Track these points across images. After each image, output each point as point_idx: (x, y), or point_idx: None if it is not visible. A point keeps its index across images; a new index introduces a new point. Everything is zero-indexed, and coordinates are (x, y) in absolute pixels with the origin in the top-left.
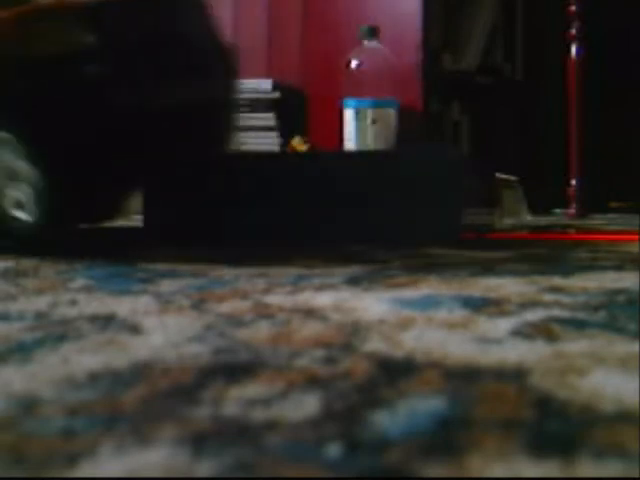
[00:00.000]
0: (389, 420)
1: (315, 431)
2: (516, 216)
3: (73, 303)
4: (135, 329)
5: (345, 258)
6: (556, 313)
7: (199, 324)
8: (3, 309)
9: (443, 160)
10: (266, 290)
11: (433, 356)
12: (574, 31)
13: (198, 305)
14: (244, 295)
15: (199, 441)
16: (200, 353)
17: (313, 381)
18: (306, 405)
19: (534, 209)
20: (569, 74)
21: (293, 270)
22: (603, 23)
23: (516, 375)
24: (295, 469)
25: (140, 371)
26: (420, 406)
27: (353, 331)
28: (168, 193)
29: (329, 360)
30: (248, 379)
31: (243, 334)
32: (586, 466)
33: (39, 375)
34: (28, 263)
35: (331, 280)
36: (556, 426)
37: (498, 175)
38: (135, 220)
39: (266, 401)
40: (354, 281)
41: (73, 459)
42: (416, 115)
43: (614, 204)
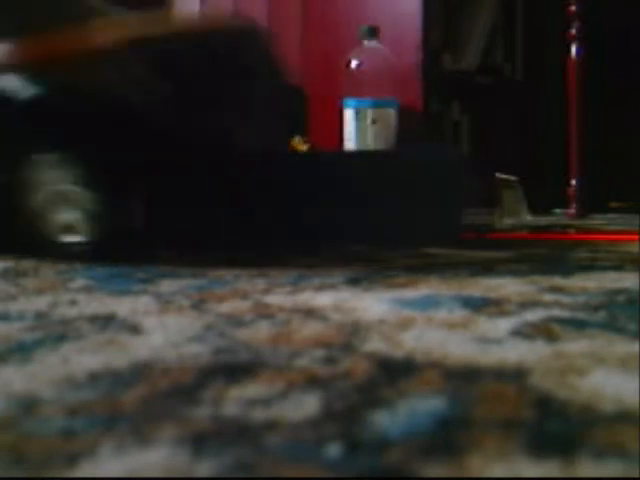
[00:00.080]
0: (389, 420)
1: (315, 431)
2: (516, 216)
3: (73, 303)
4: (135, 329)
5: (345, 258)
6: (556, 313)
7: (199, 324)
8: (3, 309)
9: (443, 160)
10: (266, 290)
11: (433, 356)
12: (574, 31)
13: (198, 305)
14: (244, 295)
15: (199, 441)
16: (200, 353)
17: (313, 381)
18: (306, 405)
19: (534, 209)
20: (569, 74)
21: (293, 270)
22: (603, 23)
23: (516, 375)
24: (295, 469)
25: (140, 371)
26: (420, 406)
27: (353, 331)
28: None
29: (329, 360)
30: (248, 379)
31: (243, 334)
32: (586, 466)
33: (39, 375)
34: (28, 263)
35: (331, 280)
36: (556, 426)
37: (498, 175)
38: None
39: (266, 401)
40: (354, 281)
41: (73, 459)
42: (416, 115)
43: (614, 204)
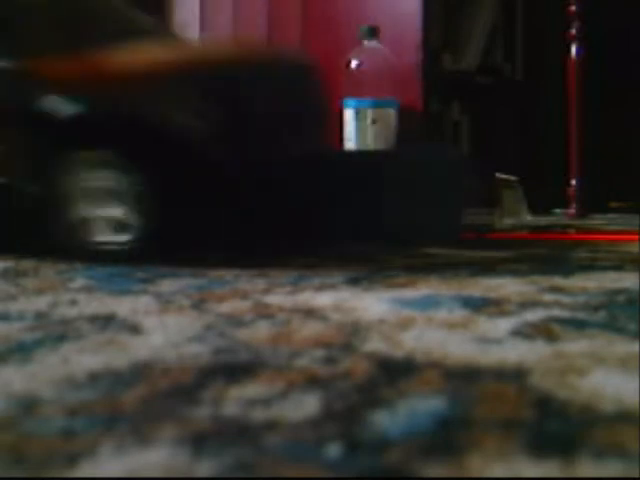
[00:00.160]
0: (389, 420)
1: (315, 431)
2: (516, 216)
3: (73, 303)
4: (135, 329)
5: (345, 258)
6: (556, 313)
7: (199, 324)
8: (3, 309)
9: (443, 160)
10: (266, 290)
11: (433, 356)
12: (574, 31)
13: (198, 305)
14: (244, 295)
15: (199, 441)
16: (200, 353)
17: (313, 381)
18: (306, 405)
19: (534, 209)
20: (569, 74)
21: (293, 270)
22: (603, 23)
23: (516, 375)
24: (295, 469)
25: (140, 371)
26: (420, 406)
27: (353, 331)
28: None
29: (329, 360)
30: (248, 379)
31: (243, 334)
32: (586, 466)
33: (39, 375)
34: (28, 263)
35: (331, 280)
36: (556, 426)
37: (498, 175)
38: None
39: (266, 401)
40: (354, 281)
41: (73, 459)
42: (416, 115)
43: (614, 204)
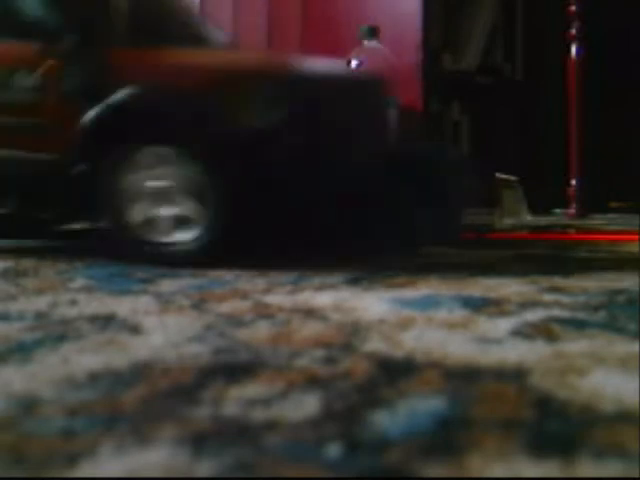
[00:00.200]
0: (389, 420)
1: (315, 431)
2: (516, 216)
3: (73, 303)
4: (135, 329)
5: (345, 258)
6: (556, 313)
7: (199, 324)
8: (3, 309)
9: (443, 160)
10: (266, 290)
11: (433, 356)
12: (574, 31)
13: (198, 305)
14: (244, 295)
15: (199, 441)
16: (200, 353)
17: (313, 381)
18: (306, 405)
19: (534, 209)
20: (569, 74)
21: (293, 270)
22: (603, 23)
23: (516, 375)
24: (295, 469)
25: (140, 371)
26: (420, 406)
27: (353, 331)
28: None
29: (329, 360)
30: (248, 379)
31: (243, 334)
32: (586, 466)
33: (39, 375)
34: (28, 263)
35: (331, 280)
36: (556, 426)
37: (498, 175)
38: None
39: (266, 401)
40: (354, 281)
41: (73, 459)
42: (416, 115)
43: (614, 204)
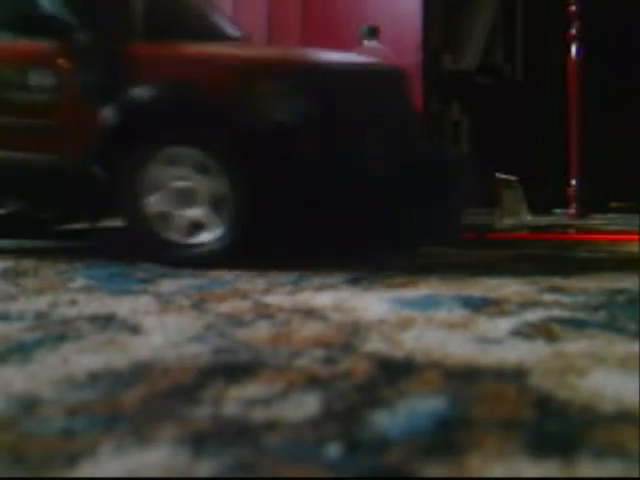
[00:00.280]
0: (389, 420)
1: (315, 431)
2: (516, 216)
3: (73, 303)
4: (135, 329)
5: (345, 258)
6: (556, 313)
7: (199, 324)
8: (3, 309)
9: (443, 160)
10: (266, 290)
11: (433, 356)
12: (574, 31)
13: (198, 305)
14: (244, 295)
15: (199, 441)
16: (200, 353)
17: (313, 381)
18: (306, 405)
19: (534, 209)
20: (569, 74)
21: (293, 270)
22: (603, 23)
23: (516, 375)
24: (295, 469)
25: (140, 371)
26: (420, 406)
27: (353, 331)
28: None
29: (329, 360)
30: (248, 379)
31: (243, 334)
32: (586, 466)
33: (39, 375)
34: (28, 263)
35: (331, 280)
36: (556, 426)
37: (498, 175)
38: None
39: (266, 401)
40: (354, 281)
41: (73, 459)
42: (416, 115)
43: (614, 204)
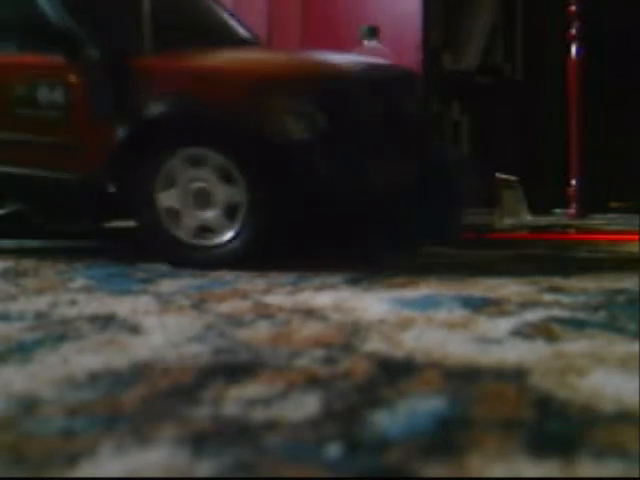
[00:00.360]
0: (389, 420)
1: (315, 431)
2: (516, 216)
3: (73, 303)
4: (135, 329)
5: (346, 258)
6: (556, 313)
7: (199, 324)
8: (3, 309)
9: (443, 160)
10: (266, 290)
11: (433, 356)
12: (574, 31)
13: (198, 305)
14: (244, 295)
15: (199, 441)
16: (200, 353)
17: (313, 381)
18: (306, 405)
19: (534, 209)
20: (569, 74)
21: (293, 270)
22: (603, 23)
23: (516, 375)
24: (295, 469)
25: (140, 371)
26: (420, 406)
27: (353, 331)
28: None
29: (329, 360)
30: (248, 379)
31: (243, 334)
32: (586, 466)
33: (39, 375)
34: (28, 263)
35: (331, 280)
36: (556, 426)
37: (498, 175)
38: None
39: (266, 401)
40: (354, 281)
41: (73, 459)
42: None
43: (614, 204)
